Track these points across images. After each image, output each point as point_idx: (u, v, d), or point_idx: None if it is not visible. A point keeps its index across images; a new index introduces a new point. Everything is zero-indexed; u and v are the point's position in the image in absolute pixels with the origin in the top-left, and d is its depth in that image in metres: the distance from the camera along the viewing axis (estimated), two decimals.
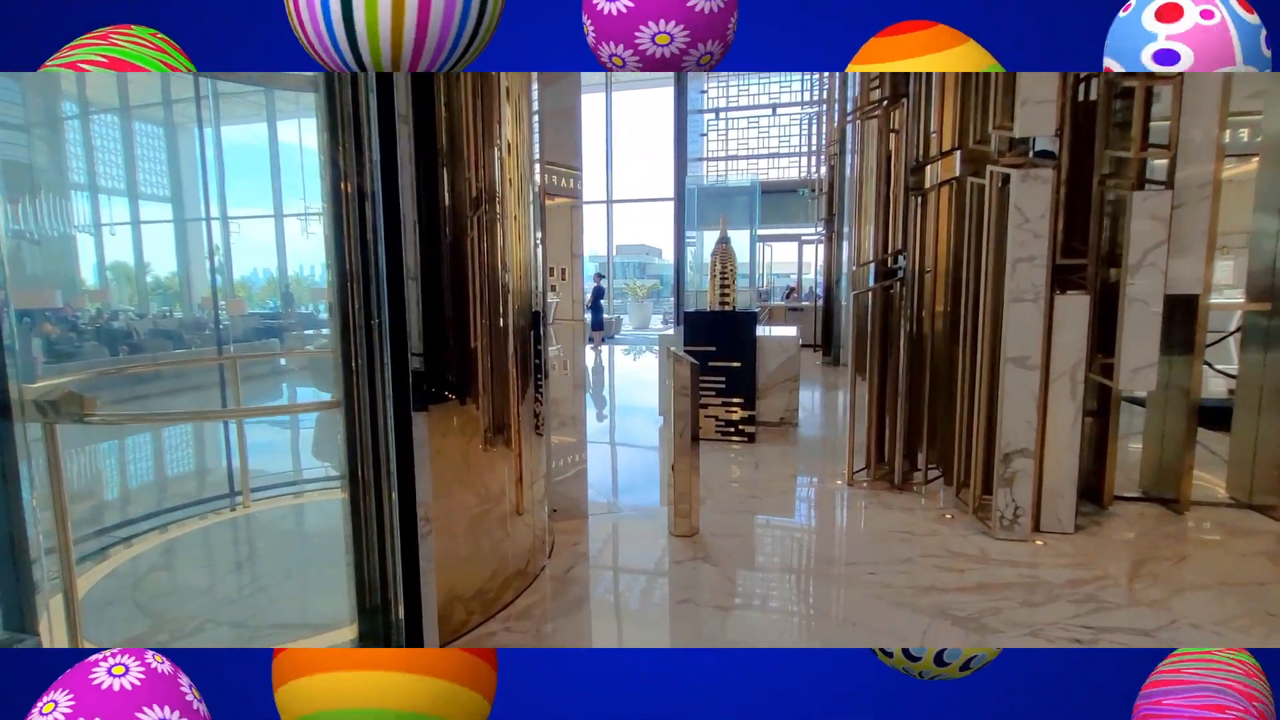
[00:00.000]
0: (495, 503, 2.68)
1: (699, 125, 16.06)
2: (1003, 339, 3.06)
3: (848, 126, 8.16)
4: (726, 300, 5.10)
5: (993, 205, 3.15)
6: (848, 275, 8.78)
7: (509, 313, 2.68)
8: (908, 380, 3.87)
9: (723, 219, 5.23)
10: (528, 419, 2.91)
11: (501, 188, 2.59)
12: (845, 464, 4.01)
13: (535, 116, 2.96)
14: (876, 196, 4.05)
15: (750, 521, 3.41)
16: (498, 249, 2.60)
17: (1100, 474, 3.44)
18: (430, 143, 2.25)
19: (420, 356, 2.23)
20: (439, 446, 2.37)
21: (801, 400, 5.56)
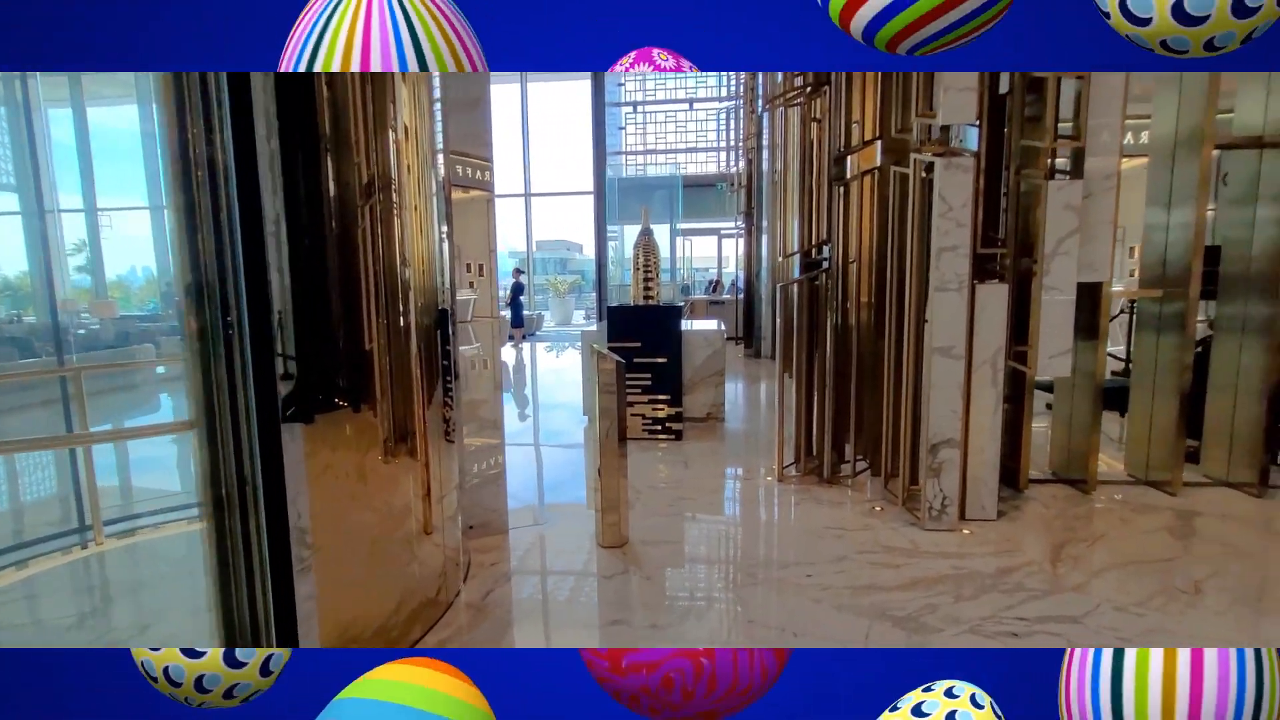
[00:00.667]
0: (399, 522, 2.38)
1: (617, 118, 15.88)
2: (928, 329, 3.05)
3: (765, 116, 8.21)
4: (650, 294, 4.93)
5: (916, 194, 3.13)
6: (768, 268, 8.87)
7: (410, 311, 2.39)
8: (834, 372, 3.83)
9: (644, 211, 5.06)
10: (436, 425, 2.62)
11: (398, 176, 2.30)
12: (774, 459, 3.93)
13: (438, 105, 2.68)
14: (800, 187, 3.99)
15: (681, 525, 3.25)
16: (395, 242, 2.31)
17: (1016, 459, 3.52)
18: (310, 128, 1.97)
19: (294, 360, 1.93)
20: (328, 461, 2.07)
21: (726, 393, 5.48)
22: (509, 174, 16.43)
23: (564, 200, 16.90)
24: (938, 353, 3.02)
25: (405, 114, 2.37)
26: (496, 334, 3.33)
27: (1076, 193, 2.88)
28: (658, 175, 14.96)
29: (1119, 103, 2.98)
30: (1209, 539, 2.95)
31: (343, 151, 2.13)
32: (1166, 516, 3.23)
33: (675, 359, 4.82)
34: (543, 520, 3.36)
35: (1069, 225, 2.89)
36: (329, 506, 2.04)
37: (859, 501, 3.50)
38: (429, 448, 2.52)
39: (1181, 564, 2.70)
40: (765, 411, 5.93)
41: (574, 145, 16.47)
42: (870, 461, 3.89)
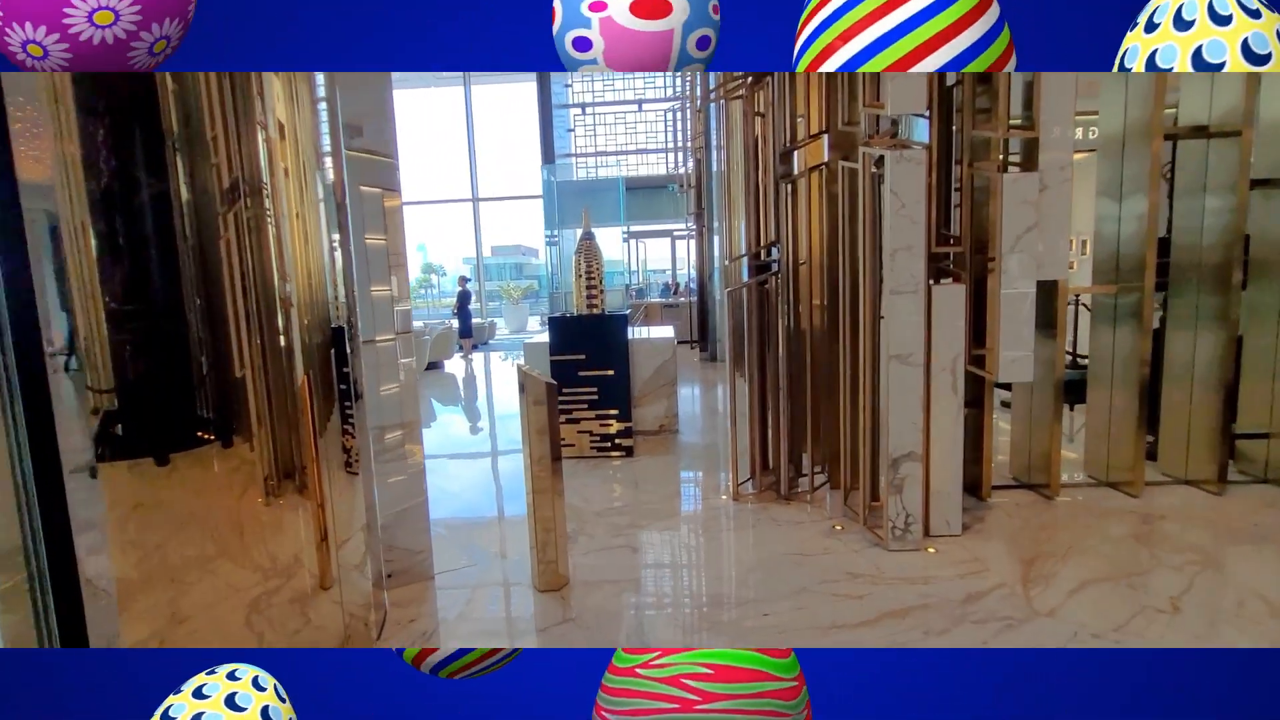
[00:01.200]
0: (285, 577, 2.04)
1: (565, 120, 15.54)
2: (884, 334, 2.84)
3: (713, 113, 8.01)
4: (594, 302, 4.63)
5: (865, 191, 2.92)
6: (720, 269, 8.68)
7: (293, 329, 2.05)
8: (788, 381, 3.61)
9: (584, 212, 4.76)
10: (333, 456, 2.28)
11: (272, 181, 1.97)
12: (729, 475, 3.68)
13: (323, 105, 2.35)
14: (746, 186, 3.76)
15: (630, 561, 2.96)
16: (269, 253, 1.97)
17: (976, 466, 3.36)
18: (151, 127, 1.68)
19: (110, 394, 1.63)
20: (191, 508, 1.76)
21: (681, 399, 5.22)
22: (456, 179, 15.95)
23: (517, 205, 16.48)
24: (895, 360, 2.81)
25: (280, 112, 2.05)
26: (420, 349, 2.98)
27: (1033, 186, 2.72)
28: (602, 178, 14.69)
29: (1070, 94, 2.83)
30: (1178, 546, 2.82)
31: (196, 152, 1.81)
32: (1132, 522, 3.10)
33: (623, 370, 4.54)
34: (474, 560, 3.03)
35: (1026, 220, 2.72)
36: (191, 562, 1.72)
37: (818, 520, 3.27)
38: (324, 483, 2.18)
39: (1155, 578, 2.55)
40: (721, 420, 5.70)
41: (522, 148, 16.08)
42: (829, 474, 3.67)
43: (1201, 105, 3.33)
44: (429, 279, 21.21)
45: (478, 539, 3.35)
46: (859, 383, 3.17)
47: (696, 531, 3.30)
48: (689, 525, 3.40)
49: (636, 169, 15.19)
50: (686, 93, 10.08)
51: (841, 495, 3.36)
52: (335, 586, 2.24)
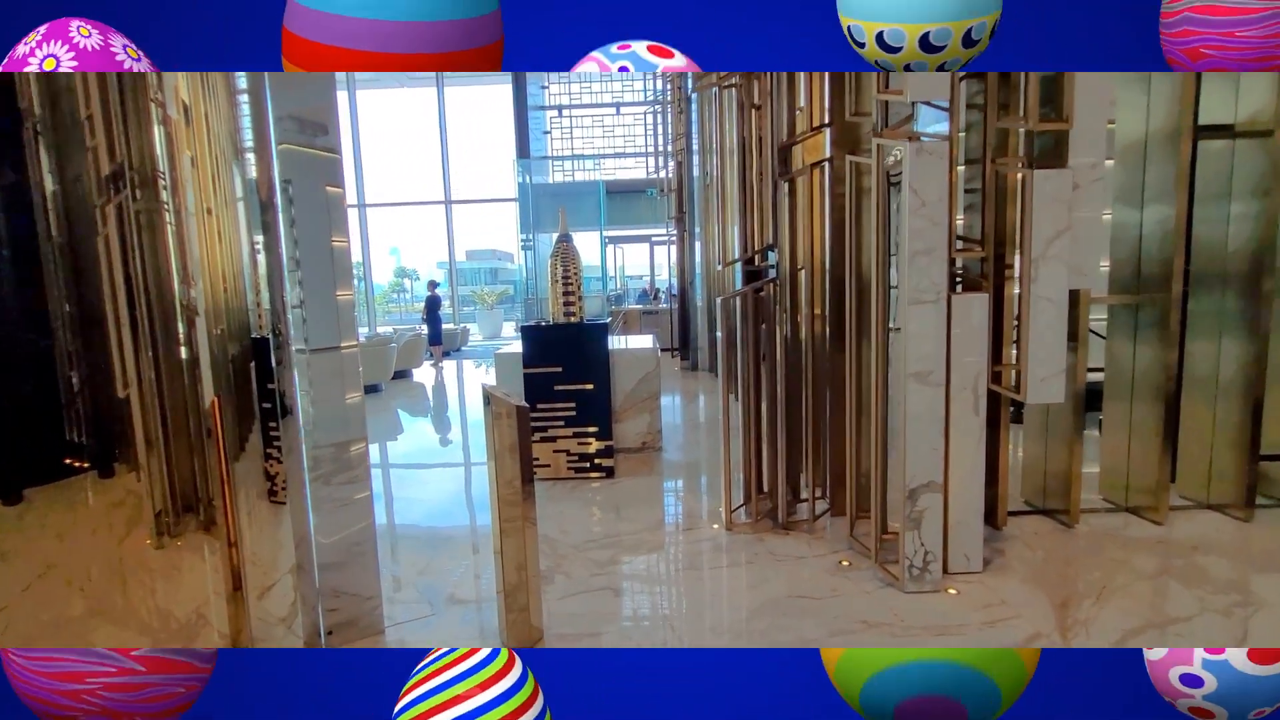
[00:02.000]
0: (183, 638, 1.68)
1: (541, 123, 15.17)
2: (900, 348, 2.52)
3: (695, 114, 7.72)
4: (572, 310, 4.26)
5: (877, 188, 2.61)
6: (702, 275, 8.38)
7: (197, 340, 1.68)
8: (785, 397, 3.28)
9: (561, 212, 4.39)
10: (250, 484, 1.91)
11: (171, 172, 1.65)
12: (721, 501, 3.34)
13: (243, 96, 2.01)
14: (740, 185, 3.44)
15: (610, 605, 2.59)
16: (167, 253, 1.62)
17: (994, 491, 3.07)
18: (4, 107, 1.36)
19: None
20: (49, 557, 1.46)
21: (662, 411, 4.86)
22: (429, 181, 15.44)
23: (492, 208, 16.02)
24: (914, 379, 2.50)
25: (185, 95, 1.71)
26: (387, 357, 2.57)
27: (1065, 184, 2.44)
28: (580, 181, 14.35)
29: (1108, 87, 2.57)
30: (1220, 584, 2.55)
31: (65, 135, 1.48)
32: (1162, 554, 2.83)
33: (603, 384, 4.18)
34: (432, 608, 2.63)
35: (1059, 223, 2.44)
36: (34, 630, 1.38)
37: (822, 553, 2.94)
38: (237, 517, 1.81)
39: (1203, 624, 2.27)
40: (705, 435, 5.36)
41: (497, 151, 15.65)
42: (831, 499, 3.36)
43: (1226, 105, 3.11)
44: (401, 283, 20.60)
45: (440, 568, 2.95)
46: (866, 401, 2.86)
47: (685, 572, 2.94)
48: (679, 560, 3.04)
49: (614, 173, 14.87)
50: (668, 94, 9.79)
51: (847, 524, 3.04)
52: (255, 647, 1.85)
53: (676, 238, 9.32)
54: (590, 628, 2.39)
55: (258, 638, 1.92)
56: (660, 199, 10.74)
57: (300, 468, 2.15)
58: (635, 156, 14.91)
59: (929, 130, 2.58)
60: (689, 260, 8.89)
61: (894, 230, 2.71)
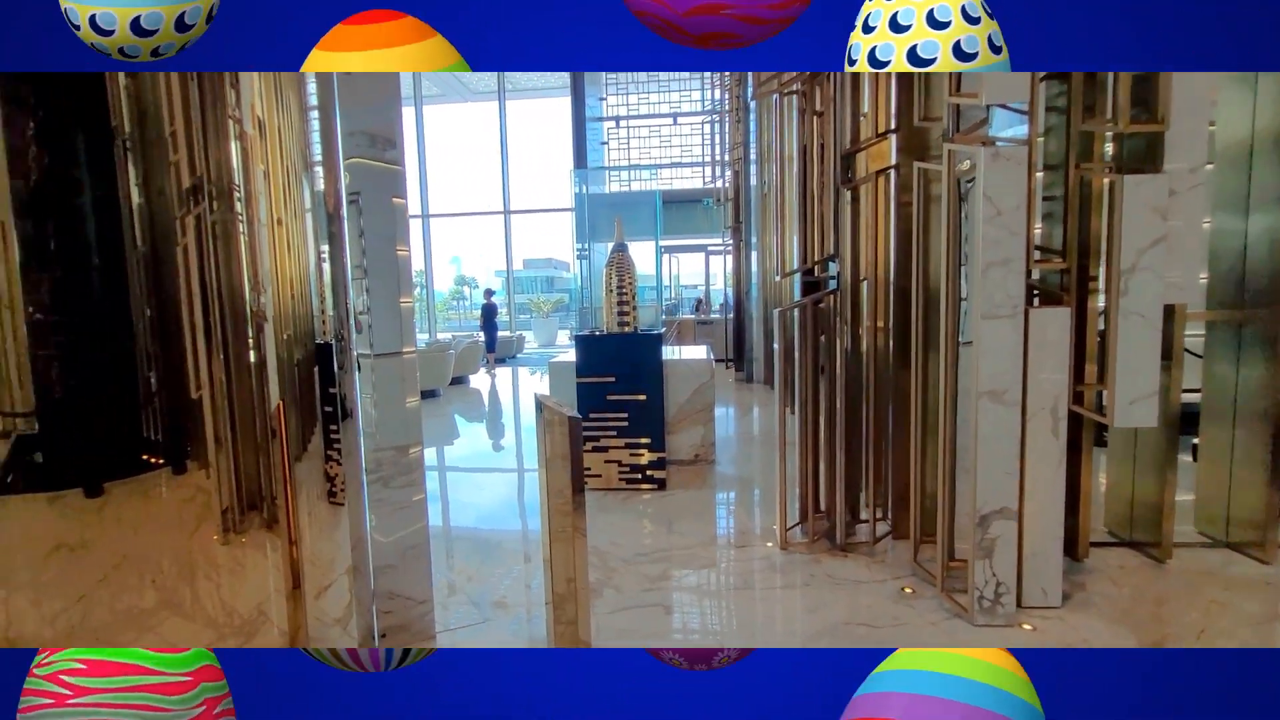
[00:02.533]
0: (245, 634, 1.72)
1: (599, 134, 15.37)
2: (972, 365, 2.38)
3: (754, 122, 7.64)
4: (626, 319, 4.25)
5: (948, 196, 2.48)
6: (758, 285, 8.25)
7: (266, 344, 1.75)
8: (845, 413, 3.16)
9: (617, 222, 4.40)
10: (312, 485, 1.96)
11: (246, 184, 1.72)
12: (776, 519, 3.24)
13: (314, 112, 2.10)
14: (800, 194, 3.35)
15: (660, 623, 2.53)
16: (241, 263, 1.69)
17: (1075, 521, 2.85)
18: (98, 123, 1.51)
19: (29, 417, 1.45)
20: (127, 549, 1.53)
21: (715, 422, 4.77)
22: (489, 192, 15.89)
23: (550, 218, 16.34)
24: (986, 397, 2.35)
25: (261, 111, 1.79)
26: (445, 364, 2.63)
27: (1160, 190, 2.25)
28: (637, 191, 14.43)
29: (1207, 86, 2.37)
30: None
31: (151, 150, 1.57)
32: (1270, 597, 2.56)
33: (656, 395, 4.14)
34: (479, 612, 2.63)
35: (1153, 232, 2.25)
36: (110, 620, 1.46)
37: (883, 578, 2.80)
38: (297, 517, 1.86)
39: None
40: (760, 449, 5.24)
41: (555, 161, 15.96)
42: (893, 522, 3.20)
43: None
44: (461, 291, 21.25)
45: (490, 574, 2.97)
46: (932, 419, 2.72)
47: (738, 593, 2.86)
48: (732, 579, 2.96)
49: (670, 183, 14.90)
50: (725, 104, 9.73)
51: (911, 549, 2.89)
52: (315, 645, 1.89)
53: (732, 247, 9.23)
54: (640, 644, 2.34)
55: (314, 637, 1.96)
56: (716, 208, 10.67)
57: (359, 470, 2.20)
58: (692, 166, 14.90)
59: (1005, 134, 2.44)
60: (745, 270, 8.78)
61: (965, 240, 2.58)
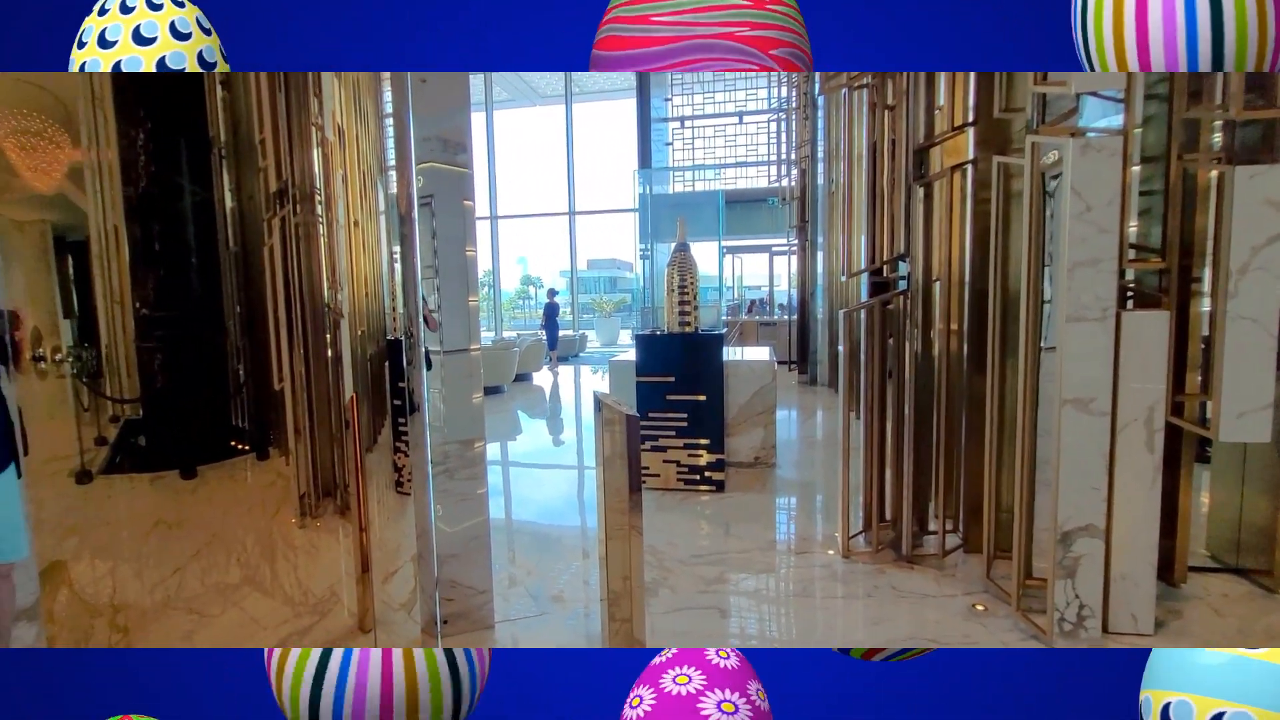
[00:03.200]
0: (318, 614, 1.82)
1: (664, 134, 15.39)
2: (1056, 371, 2.24)
3: (821, 119, 7.45)
4: (687, 319, 4.23)
5: (1032, 192, 2.34)
6: (824, 286, 8.04)
7: (342, 340, 1.85)
8: (914, 418, 3.03)
9: (680, 222, 4.39)
10: (382, 475, 2.06)
11: (326, 188, 1.83)
12: (838, 525, 3.14)
13: (389, 119, 2.21)
14: (869, 191, 3.24)
15: (716, 626, 2.51)
16: (320, 262, 1.80)
17: (1171, 542, 2.63)
18: (198, 131, 1.65)
19: (135, 403, 1.57)
20: (217, 527, 1.66)
21: (777, 426, 4.68)
22: (555, 194, 16.19)
23: (614, 219, 16.50)
24: (1071, 406, 2.20)
25: (341, 118, 1.90)
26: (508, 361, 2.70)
27: (1278, 183, 2.04)
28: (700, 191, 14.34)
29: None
30: None
31: (243, 156, 1.68)
32: None
33: (716, 395, 4.10)
34: (536, 605, 2.68)
35: (1268, 229, 2.04)
36: (201, 591, 1.58)
37: (952, 593, 2.67)
38: (368, 504, 1.96)
39: None
40: (823, 452, 5.11)
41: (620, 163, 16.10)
42: (964, 534, 3.05)
43: None
44: (526, 290, 21.75)
45: (549, 568, 3.02)
46: (1010, 427, 2.57)
47: (796, 599, 2.79)
48: (790, 585, 2.90)
49: (735, 182, 14.74)
50: (793, 100, 9.53)
51: (984, 564, 2.74)
52: (381, 629, 1.98)
53: (798, 247, 9.03)
54: (695, 646, 2.32)
55: (380, 620, 2.04)
56: (782, 208, 10.48)
57: (425, 461, 2.29)
58: (757, 165, 14.69)
59: (1097, 125, 2.27)
60: (810, 271, 8.58)
61: (1049, 239, 2.43)
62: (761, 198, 13.12)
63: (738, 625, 2.53)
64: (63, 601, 1.62)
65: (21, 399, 1.50)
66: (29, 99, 1.49)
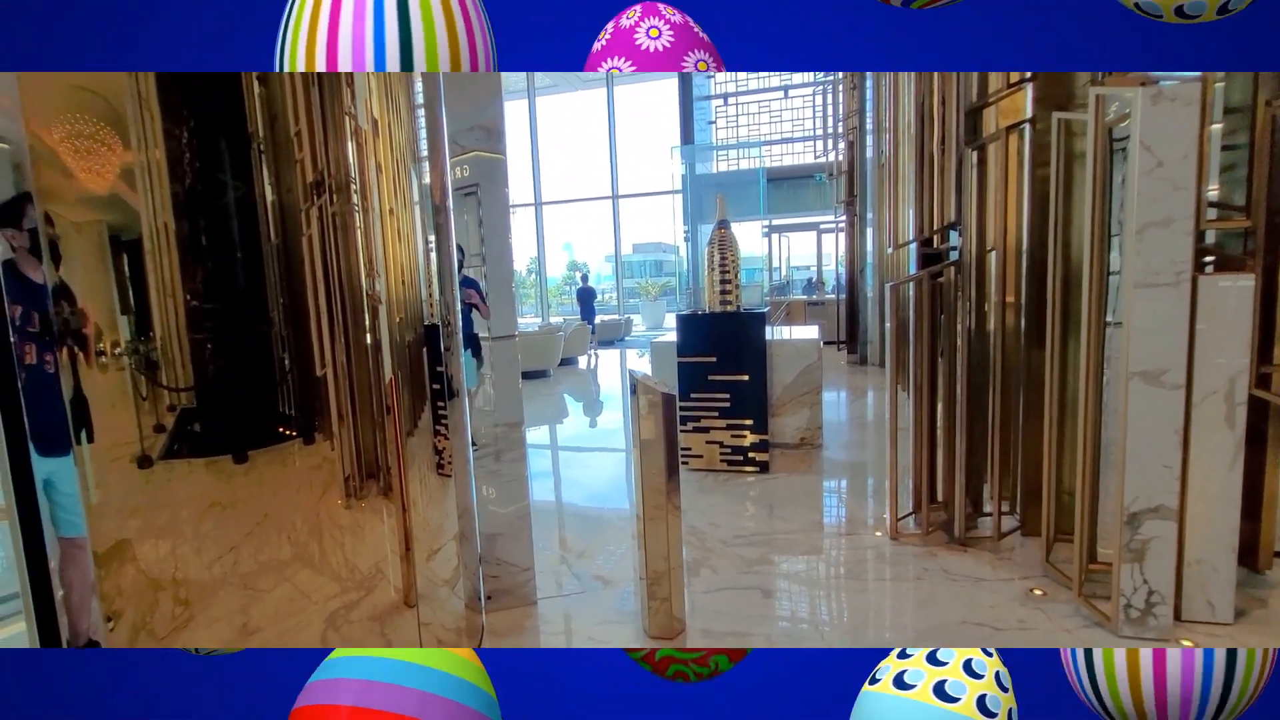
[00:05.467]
0: (365, 589, 1.89)
1: (707, 113, 15.13)
2: (1122, 342, 2.08)
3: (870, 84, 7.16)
4: (729, 298, 4.16)
5: (1097, 150, 2.17)
6: (874, 263, 7.78)
7: (381, 327, 1.89)
8: (967, 396, 2.90)
9: (719, 200, 4.30)
10: (423, 457, 2.11)
11: (361, 178, 1.87)
12: (887, 506, 3.05)
13: (420, 110, 2.24)
14: (916, 158, 3.08)
15: (758, 607, 2.47)
16: (356, 251, 1.85)
17: (1255, 525, 2.44)
18: (237, 130, 1.69)
19: (189, 391, 1.62)
20: (268, 508, 1.71)
21: (824, 406, 4.57)
22: (599, 178, 16.18)
23: (658, 202, 16.39)
24: (1139, 378, 2.05)
25: (375, 110, 1.93)
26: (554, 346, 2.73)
27: None
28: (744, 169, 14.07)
29: None
30: None
31: (281, 150, 1.73)
32: None
33: (759, 375, 4.02)
34: (579, 583, 2.70)
35: None
36: (255, 569, 1.67)
37: (1008, 577, 2.56)
38: (410, 484, 2.01)
39: None
40: (871, 434, 4.97)
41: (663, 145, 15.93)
42: (1021, 516, 2.91)
43: None
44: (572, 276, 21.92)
45: (592, 548, 3.04)
46: (1071, 403, 2.42)
47: (846, 577, 2.73)
48: (836, 567, 2.83)
49: (780, 159, 14.38)
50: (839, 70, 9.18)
51: (1043, 547, 2.61)
52: (423, 605, 2.03)
53: (846, 223, 8.76)
54: (735, 627, 2.30)
55: (424, 595, 2.10)
56: (829, 183, 10.17)
57: (465, 444, 2.33)
58: (802, 141, 14.30)
59: (1171, 72, 2.09)
60: (859, 247, 8.31)
61: (1117, 204, 2.25)
62: (808, 174, 12.78)
63: (781, 606, 2.49)
64: (129, 576, 1.71)
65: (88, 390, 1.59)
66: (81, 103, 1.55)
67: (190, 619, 1.74)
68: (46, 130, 1.50)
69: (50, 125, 1.49)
